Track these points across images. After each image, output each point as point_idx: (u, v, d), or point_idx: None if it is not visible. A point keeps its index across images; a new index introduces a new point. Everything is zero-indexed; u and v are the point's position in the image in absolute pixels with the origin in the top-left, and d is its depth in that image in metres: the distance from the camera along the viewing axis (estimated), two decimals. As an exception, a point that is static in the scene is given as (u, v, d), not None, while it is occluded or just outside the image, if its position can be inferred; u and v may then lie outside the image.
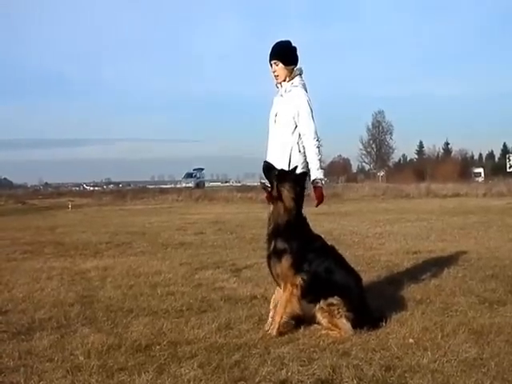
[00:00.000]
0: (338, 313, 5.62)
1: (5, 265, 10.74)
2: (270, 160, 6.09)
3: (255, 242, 13.70)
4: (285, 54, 6.33)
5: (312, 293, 5.70)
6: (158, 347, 5.31)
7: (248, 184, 77.60)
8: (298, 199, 5.74)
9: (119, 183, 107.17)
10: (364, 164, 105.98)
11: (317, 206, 6.26)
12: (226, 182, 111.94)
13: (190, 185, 77.07)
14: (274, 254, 5.76)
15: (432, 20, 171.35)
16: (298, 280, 5.66)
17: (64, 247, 13.55)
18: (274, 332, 5.65)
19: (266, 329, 5.79)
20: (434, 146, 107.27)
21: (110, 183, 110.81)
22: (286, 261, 5.67)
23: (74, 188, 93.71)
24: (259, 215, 23.74)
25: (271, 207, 5.82)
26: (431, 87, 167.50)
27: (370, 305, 6.00)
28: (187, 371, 4.64)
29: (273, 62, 6.34)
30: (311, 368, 4.66)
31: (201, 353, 5.11)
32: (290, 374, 4.57)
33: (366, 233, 15.33)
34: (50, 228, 19.14)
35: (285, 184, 5.70)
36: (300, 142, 6.23)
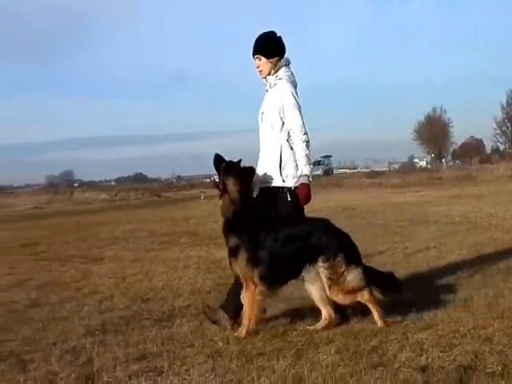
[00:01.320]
0: (338, 273, 5.41)
1: (144, 255, 11.21)
2: (261, 162, 5.91)
3: (387, 227, 13.56)
4: (266, 46, 5.93)
5: (296, 266, 5.48)
6: (294, 333, 5.35)
7: (377, 170, 76.47)
8: (244, 191, 5.51)
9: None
10: (498, 144, 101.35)
11: (303, 205, 5.84)
12: (354, 168, 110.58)
13: (318, 172, 76.80)
14: (231, 253, 5.52)
15: None
16: (256, 276, 5.38)
17: (198, 237, 13.95)
18: (243, 333, 5.38)
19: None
20: None
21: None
22: (241, 258, 5.42)
23: (205, 180, 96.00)
24: (390, 200, 23.41)
25: (220, 202, 5.62)
26: None
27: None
28: (325, 357, 4.64)
29: (255, 56, 5.97)
30: (452, 354, 4.52)
31: (337, 338, 5.10)
32: (430, 359, 4.45)
33: (504, 215, 14.70)
34: (185, 219, 19.76)
35: (229, 176, 5.50)
36: (289, 139, 5.82)
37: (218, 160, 5.65)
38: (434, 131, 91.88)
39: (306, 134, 5.77)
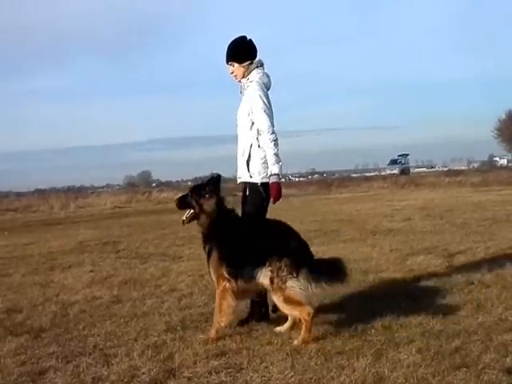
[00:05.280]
0: (281, 279, 5.29)
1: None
2: (238, 159, 6.21)
3: (467, 226, 13.24)
4: (237, 53, 6.21)
5: (252, 265, 5.47)
6: (373, 332, 5.31)
7: (455, 168, 74.87)
8: (218, 202, 5.78)
9: (323, 173, 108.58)
10: None
11: (274, 202, 6.04)
12: (432, 167, 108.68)
13: (395, 171, 75.92)
14: (207, 256, 5.78)
15: None
16: (225, 271, 5.56)
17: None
18: (213, 333, 5.51)
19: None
20: None
21: (315, 173, 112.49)
22: (213, 256, 5.66)
23: (293, 177, 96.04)
24: (470, 199, 22.85)
25: (198, 222, 5.84)
26: None
27: None
28: (406, 356, 4.58)
29: (229, 63, 6.27)
30: (539, 356, 4.39)
31: (418, 338, 5.02)
32: (515, 361, 4.33)
33: None
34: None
35: (203, 197, 5.78)
36: (258, 138, 6.06)
37: (182, 198, 5.95)
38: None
39: (273, 133, 6.00)
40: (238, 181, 6.27)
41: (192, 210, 5.84)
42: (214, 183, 5.89)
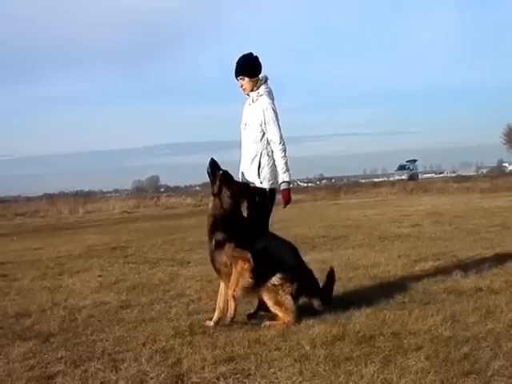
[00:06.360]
0: (283, 290, 6.00)
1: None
2: (243, 166, 6.70)
3: (476, 232, 13.20)
4: (249, 68, 6.70)
5: (255, 273, 6.05)
6: (381, 338, 5.27)
7: (464, 174, 74.71)
8: (237, 204, 6.28)
9: (332, 178, 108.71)
10: None
11: (284, 207, 6.55)
12: (441, 172, 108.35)
13: (404, 177, 75.92)
14: (217, 247, 6.18)
15: None
16: (248, 254, 6.03)
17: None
18: (232, 311, 6.13)
19: (215, 319, 6.23)
20: None
21: (323, 179, 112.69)
22: (229, 247, 6.10)
23: (302, 183, 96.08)
24: (479, 205, 22.77)
25: (211, 202, 6.38)
26: None
27: None
28: (414, 363, 4.57)
29: (239, 77, 6.73)
30: (549, 363, 4.36)
31: (427, 345, 5.00)
32: (525, 368, 4.31)
33: None
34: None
35: (226, 187, 6.23)
36: (269, 147, 6.59)
37: (214, 164, 6.36)
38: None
39: (283, 144, 6.56)
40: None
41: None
42: (246, 189, 6.44)
